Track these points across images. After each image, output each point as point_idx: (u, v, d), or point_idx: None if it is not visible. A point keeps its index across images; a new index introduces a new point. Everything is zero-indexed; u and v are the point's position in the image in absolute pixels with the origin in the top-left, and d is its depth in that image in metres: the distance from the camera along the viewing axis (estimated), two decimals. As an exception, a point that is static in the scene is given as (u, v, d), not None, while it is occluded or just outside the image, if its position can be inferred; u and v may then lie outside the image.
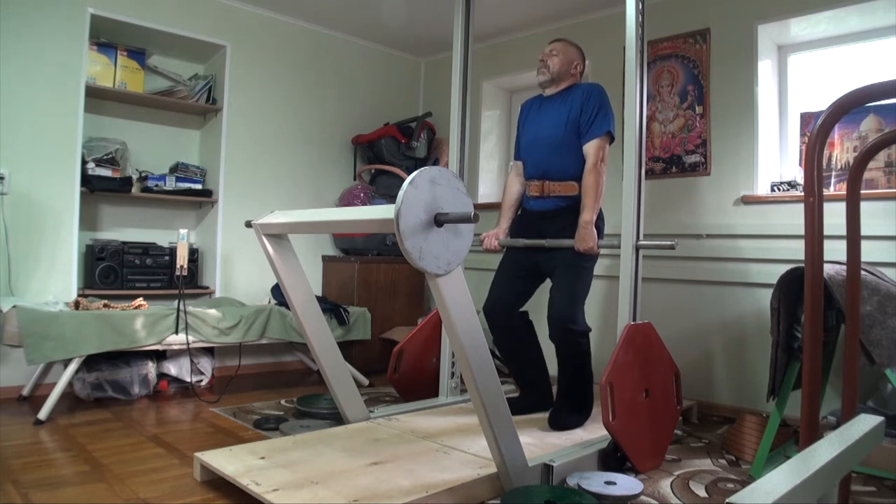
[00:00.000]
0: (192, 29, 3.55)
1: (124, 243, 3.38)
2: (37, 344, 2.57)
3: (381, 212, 1.66)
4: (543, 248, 2.55)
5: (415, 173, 1.54)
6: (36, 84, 3.02)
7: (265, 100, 3.91)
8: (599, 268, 3.48)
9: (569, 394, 2.53)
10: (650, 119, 3.39)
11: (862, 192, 1.62)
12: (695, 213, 3.23)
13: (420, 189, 1.54)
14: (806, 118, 3.06)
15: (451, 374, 2.93)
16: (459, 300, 1.68)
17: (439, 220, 1.55)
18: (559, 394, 2.57)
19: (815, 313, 1.28)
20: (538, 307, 2.67)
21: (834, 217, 1.63)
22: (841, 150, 2.95)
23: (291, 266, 2.22)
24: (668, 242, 2.29)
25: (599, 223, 2.50)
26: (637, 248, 2.31)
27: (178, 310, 2.95)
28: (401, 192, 1.50)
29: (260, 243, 2.17)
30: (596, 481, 1.95)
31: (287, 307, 3.43)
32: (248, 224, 2.20)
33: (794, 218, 2.87)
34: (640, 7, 2.36)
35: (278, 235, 2.18)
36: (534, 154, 2.64)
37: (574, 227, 2.44)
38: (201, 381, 3.35)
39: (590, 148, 2.48)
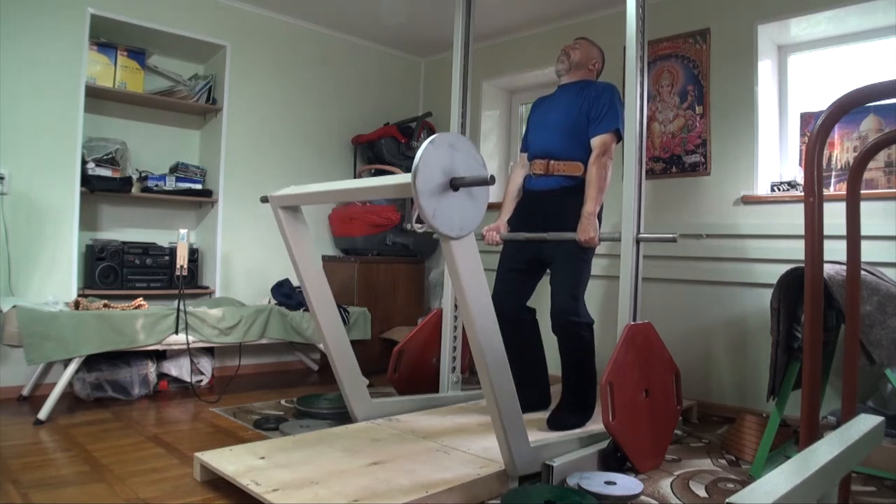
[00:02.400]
0: (192, 29, 3.55)
1: (124, 243, 3.38)
2: (37, 344, 2.57)
3: (398, 178, 1.69)
4: (544, 238, 2.56)
5: (435, 135, 1.56)
6: (36, 84, 3.02)
7: (265, 100, 3.91)
8: (599, 268, 3.50)
9: (570, 392, 2.54)
10: (650, 119, 3.39)
11: (862, 192, 1.62)
12: (695, 213, 3.23)
13: (439, 149, 1.55)
14: (806, 118, 3.06)
15: (452, 369, 2.93)
16: (471, 267, 1.70)
17: (455, 184, 1.57)
18: (563, 392, 2.57)
19: (815, 313, 1.28)
20: (540, 303, 2.68)
21: (834, 217, 1.63)
22: (841, 150, 2.95)
23: (304, 241, 2.23)
24: (670, 235, 2.28)
25: (599, 214, 2.51)
26: (637, 241, 2.31)
27: (178, 310, 2.95)
28: (420, 151, 1.51)
29: (275, 217, 2.19)
30: (596, 481, 1.95)
31: (287, 307, 3.44)
32: (265, 199, 2.20)
33: (794, 218, 2.87)
34: (641, 7, 2.36)
35: (293, 209, 2.19)
36: (541, 134, 2.66)
37: (576, 210, 2.45)
38: (201, 381, 3.35)
39: (596, 141, 2.51)
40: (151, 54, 3.64)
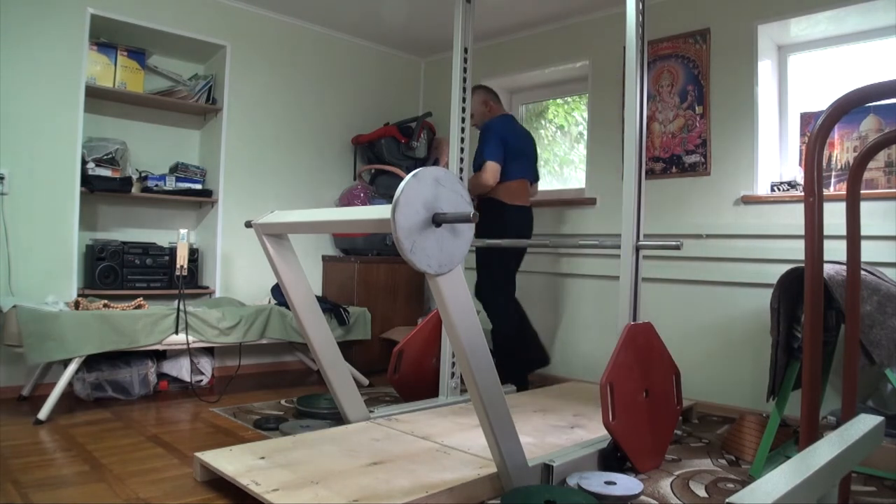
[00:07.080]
0: (192, 29, 3.55)
1: (124, 243, 3.38)
2: (37, 344, 2.57)
3: (380, 211, 1.66)
4: None
5: (419, 169, 1.54)
6: (36, 84, 3.02)
7: (265, 100, 3.91)
8: (599, 268, 3.51)
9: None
10: (650, 119, 3.39)
11: (862, 192, 1.62)
12: (695, 213, 3.23)
13: (423, 183, 1.53)
14: (806, 118, 3.06)
15: (452, 374, 2.93)
16: (459, 300, 1.68)
17: (437, 220, 1.55)
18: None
19: (815, 313, 1.28)
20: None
21: (834, 217, 1.63)
22: (841, 150, 2.95)
23: (291, 266, 2.22)
24: (674, 243, 2.28)
25: (505, 214, 2.94)
26: (637, 249, 2.31)
27: (178, 310, 2.95)
28: (402, 185, 1.49)
29: (260, 243, 2.18)
30: (596, 481, 1.95)
31: (287, 307, 3.43)
32: (248, 224, 2.21)
33: (794, 218, 2.87)
34: (640, 7, 2.35)
35: (278, 235, 2.18)
36: None
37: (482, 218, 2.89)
38: (201, 381, 3.35)
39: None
40: (151, 54, 3.64)
